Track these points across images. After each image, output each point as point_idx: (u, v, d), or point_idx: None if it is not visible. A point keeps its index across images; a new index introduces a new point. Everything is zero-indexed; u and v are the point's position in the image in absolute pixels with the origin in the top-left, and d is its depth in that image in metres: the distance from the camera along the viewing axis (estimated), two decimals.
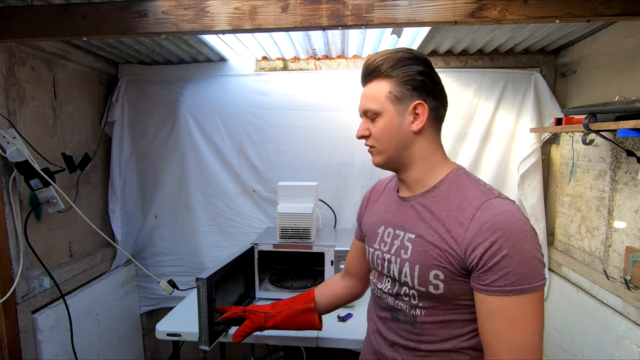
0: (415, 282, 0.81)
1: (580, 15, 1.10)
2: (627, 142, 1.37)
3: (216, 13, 1.18)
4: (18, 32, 1.23)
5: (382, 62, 0.81)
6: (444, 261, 0.76)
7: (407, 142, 0.83)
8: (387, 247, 0.88)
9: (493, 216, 0.72)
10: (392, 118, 0.82)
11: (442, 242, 0.77)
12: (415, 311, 0.83)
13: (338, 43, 1.82)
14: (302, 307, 1.13)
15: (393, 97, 0.81)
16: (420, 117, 0.82)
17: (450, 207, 0.79)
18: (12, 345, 1.38)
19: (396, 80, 0.81)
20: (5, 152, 1.34)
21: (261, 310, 1.17)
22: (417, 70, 0.81)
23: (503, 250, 0.70)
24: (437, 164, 0.86)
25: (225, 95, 2.04)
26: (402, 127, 0.82)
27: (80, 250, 1.84)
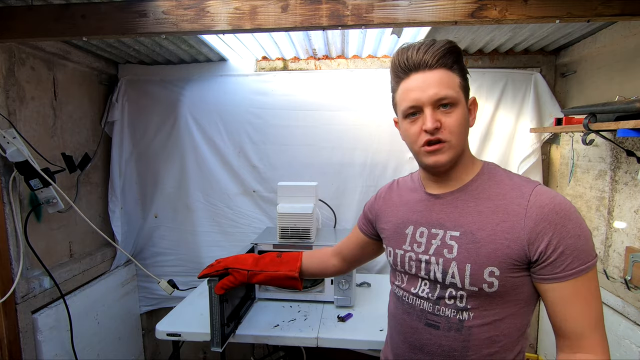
0: (467, 282, 0.75)
1: (580, 15, 1.10)
2: (627, 142, 1.37)
3: (216, 13, 1.18)
4: (18, 32, 1.23)
5: (448, 52, 0.76)
6: (501, 255, 0.73)
7: (467, 137, 0.82)
8: (422, 247, 0.83)
9: (550, 199, 0.71)
10: (464, 110, 0.79)
11: (495, 235, 0.74)
12: (463, 315, 0.77)
13: (338, 43, 1.82)
14: (287, 274, 1.15)
15: (463, 88, 0.79)
16: (472, 112, 0.83)
17: (496, 197, 0.77)
18: (12, 345, 1.38)
19: (461, 73, 0.79)
20: (5, 152, 1.34)
21: (244, 267, 1.19)
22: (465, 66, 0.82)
23: (569, 232, 0.69)
24: (472, 159, 0.85)
25: (225, 95, 2.04)
26: (467, 120, 0.80)
27: (80, 250, 1.84)
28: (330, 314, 1.57)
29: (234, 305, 1.47)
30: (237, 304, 1.51)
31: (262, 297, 1.72)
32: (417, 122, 0.78)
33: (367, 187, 2.04)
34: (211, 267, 1.24)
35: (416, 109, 0.77)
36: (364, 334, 1.42)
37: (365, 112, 1.98)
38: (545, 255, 0.70)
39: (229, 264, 1.22)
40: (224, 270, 1.22)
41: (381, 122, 1.96)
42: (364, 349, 1.59)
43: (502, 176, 0.80)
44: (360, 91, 1.97)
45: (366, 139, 1.99)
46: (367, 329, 1.45)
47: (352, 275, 1.60)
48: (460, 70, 0.79)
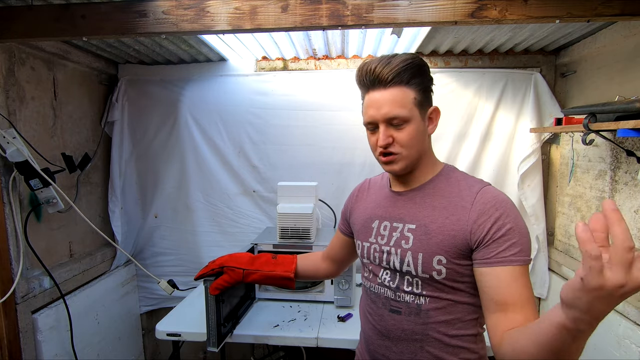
0: (419, 270, 0.84)
1: (580, 15, 1.10)
2: (627, 142, 1.37)
3: (216, 13, 1.18)
4: (18, 32, 1.23)
5: (404, 69, 0.81)
6: (447, 245, 0.82)
7: (425, 144, 0.89)
8: (384, 240, 0.92)
9: (493, 197, 0.81)
10: (419, 124, 0.85)
11: (444, 227, 0.83)
12: (420, 300, 0.86)
13: (338, 43, 1.82)
14: (282, 275, 1.20)
15: (418, 103, 0.84)
16: (434, 120, 0.89)
17: (449, 194, 0.86)
18: (12, 345, 1.38)
19: (418, 87, 0.84)
20: (5, 152, 1.34)
21: (239, 265, 1.21)
22: (429, 77, 0.87)
23: (508, 224, 0.78)
24: (434, 161, 0.93)
25: (225, 95, 2.04)
26: (422, 131, 0.87)
27: (80, 250, 1.84)
28: (330, 314, 1.57)
29: (232, 305, 1.47)
30: (236, 304, 1.51)
31: (262, 297, 1.72)
32: (375, 134, 0.87)
33: None
34: (207, 267, 1.25)
35: (373, 125, 0.87)
36: None
37: None
38: (483, 241, 0.79)
39: (225, 262, 1.23)
40: (219, 268, 1.23)
41: None
42: None
43: (457, 177, 0.90)
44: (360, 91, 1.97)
45: (366, 139, 1.99)
46: None
47: (352, 276, 1.60)
48: (419, 84, 0.84)
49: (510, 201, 0.82)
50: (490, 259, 0.78)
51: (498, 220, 0.78)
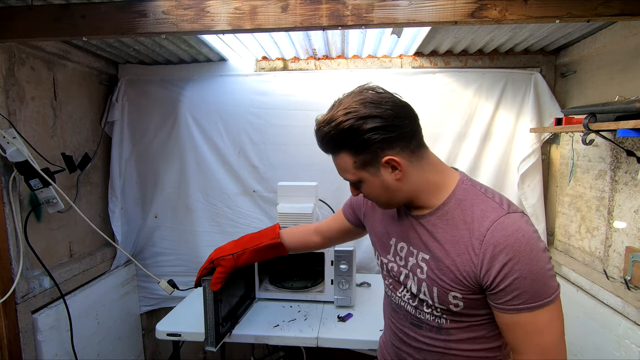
0: (436, 302, 0.81)
1: (580, 15, 1.10)
2: (627, 142, 1.37)
3: (216, 13, 1.18)
4: (18, 32, 1.23)
5: (330, 139, 0.78)
6: (460, 284, 0.77)
7: (398, 189, 0.81)
8: (403, 262, 0.88)
9: (504, 238, 0.71)
10: (372, 181, 0.81)
11: (455, 265, 0.76)
12: (440, 320, 0.83)
13: (338, 43, 1.82)
14: (270, 243, 1.22)
15: (360, 165, 0.79)
16: (398, 167, 0.78)
17: (461, 226, 0.77)
18: (12, 345, 1.38)
19: (353, 150, 0.78)
20: (5, 152, 1.34)
21: (226, 252, 1.24)
22: (367, 128, 0.73)
23: (515, 273, 0.70)
24: (438, 185, 0.82)
25: (225, 95, 2.04)
26: (386, 183, 0.80)
27: (80, 250, 1.84)
28: (330, 314, 1.57)
29: (231, 305, 1.47)
30: (235, 304, 1.51)
31: (262, 297, 1.72)
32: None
33: None
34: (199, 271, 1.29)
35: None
36: (364, 334, 1.42)
37: None
38: (491, 289, 0.73)
39: (212, 257, 1.27)
40: (210, 264, 1.26)
41: None
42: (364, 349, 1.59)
43: (472, 202, 0.78)
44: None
45: None
46: (367, 329, 1.45)
47: (352, 276, 1.60)
48: (353, 148, 0.77)
49: (525, 240, 0.71)
50: (497, 304, 0.74)
51: (504, 267, 0.70)
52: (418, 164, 0.80)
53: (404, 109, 0.77)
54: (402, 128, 0.76)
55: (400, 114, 0.76)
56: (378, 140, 0.74)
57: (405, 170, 0.78)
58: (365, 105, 0.74)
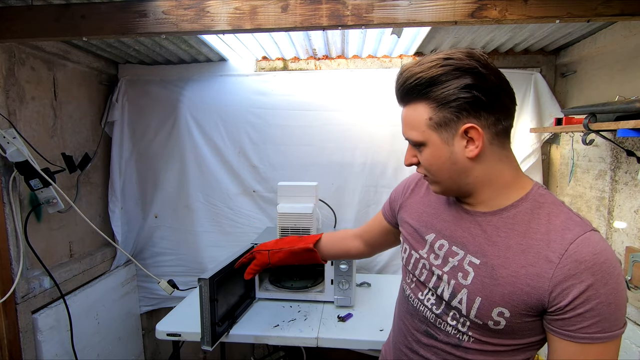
0: (472, 314, 0.70)
1: (580, 15, 1.10)
2: (627, 142, 1.37)
3: (216, 13, 1.18)
4: (18, 32, 1.23)
5: (417, 82, 0.67)
6: (516, 299, 0.65)
7: (465, 170, 0.70)
8: (439, 261, 0.77)
9: (593, 255, 0.61)
10: (439, 148, 0.69)
11: (517, 277, 0.66)
12: (462, 337, 0.73)
13: (338, 43, 1.82)
14: (303, 247, 1.18)
15: (435, 124, 0.68)
16: (474, 141, 0.67)
17: (533, 235, 0.66)
18: (12, 345, 1.38)
19: (436, 103, 0.67)
20: (5, 152, 1.34)
21: (265, 248, 1.25)
22: (460, 85, 0.64)
23: (600, 297, 0.61)
24: (508, 184, 0.71)
25: (225, 95, 2.04)
26: (455, 156, 0.69)
27: (80, 250, 1.84)
28: (330, 314, 1.57)
29: (229, 304, 1.47)
30: (234, 303, 1.51)
31: (262, 297, 1.72)
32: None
33: (367, 187, 2.04)
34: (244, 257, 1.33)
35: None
36: (364, 334, 1.42)
37: (366, 112, 1.98)
38: (563, 311, 0.63)
39: (255, 248, 1.29)
40: (250, 256, 1.29)
41: (381, 122, 1.96)
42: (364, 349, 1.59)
43: (550, 211, 0.68)
44: (360, 91, 1.97)
45: (366, 139, 2.00)
46: (367, 329, 1.45)
47: (352, 276, 1.60)
48: (436, 100, 0.67)
49: (612, 261, 0.62)
50: (567, 330, 0.63)
51: (587, 290, 0.61)
52: (497, 151, 0.69)
53: (508, 85, 0.68)
54: (499, 102, 0.66)
55: (503, 88, 0.67)
56: (466, 100, 0.65)
57: (482, 149, 0.68)
58: (472, 59, 0.65)
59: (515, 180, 0.71)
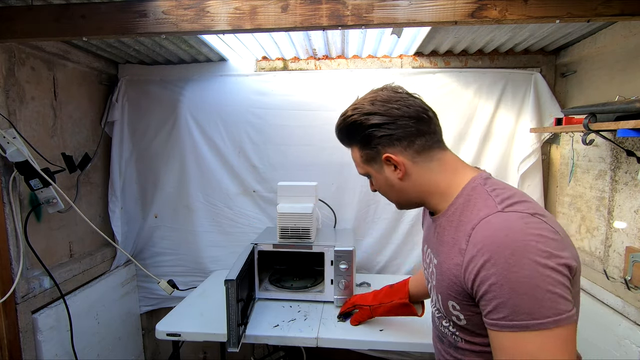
0: (443, 311, 0.78)
1: (580, 15, 1.10)
2: (627, 142, 1.37)
3: (216, 13, 1.18)
4: (18, 32, 1.23)
5: (339, 134, 0.86)
6: (454, 291, 0.71)
7: (403, 189, 0.82)
8: (430, 268, 0.85)
9: (484, 237, 0.63)
10: (376, 177, 0.85)
11: (449, 270, 0.72)
12: (456, 338, 0.78)
13: (338, 43, 1.82)
14: (399, 302, 1.29)
15: (366, 160, 0.84)
16: (399, 165, 0.79)
17: (456, 227, 0.73)
18: (12, 345, 1.38)
19: (359, 145, 0.83)
20: (5, 152, 1.34)
21: (365, 303, 1.40)
22: (369, 124, 0.78)
23: (491, 278, 0.60)
24: (446, 189, 0.78)
25: (225, 95, 2.04)
26: (390, 181, 0.82)
27: (80, 250, 1.84)
28: (330, 314, 1.57)
29: (243, 305, 1.47)
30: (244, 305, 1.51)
31: (262, 297, 1.72)
32: None
33: (367, 188, 2.03)
34: (345, 305, 1.52)
35: None
36: (364, 334, 1.42)
37: None
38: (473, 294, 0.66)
39: (354, 301, 1.47)
40: (352, 307, 1.47)
41: None
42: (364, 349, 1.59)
43: (476, 199, 0.71)
44: (360, 91, 1.96)
45: None
46: (367, 329, 1.45)
47: (352, 275, 1.60)
48: (358, 143, 0.83)
49: (509, 241, 0.60)
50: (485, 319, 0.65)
51: (481, 270, 0.62)
52: (424, 165, 0.79)
53: (412, 109, 0.77)
54: (405, 127, 0.77)
55: (407, 114, 0.77)
56: (379, 137, 0.78)
57: (407, 170, 0.79)
58: (372, 103, 0.79)
59: (452, 183, 0.78)
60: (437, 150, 0.80)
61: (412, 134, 0.77)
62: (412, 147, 0.78)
